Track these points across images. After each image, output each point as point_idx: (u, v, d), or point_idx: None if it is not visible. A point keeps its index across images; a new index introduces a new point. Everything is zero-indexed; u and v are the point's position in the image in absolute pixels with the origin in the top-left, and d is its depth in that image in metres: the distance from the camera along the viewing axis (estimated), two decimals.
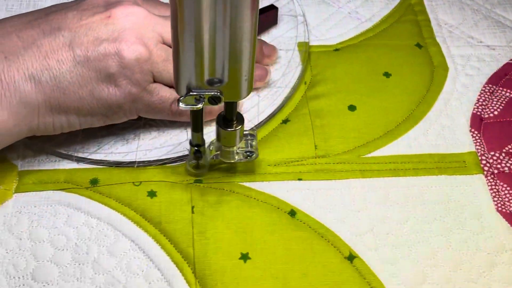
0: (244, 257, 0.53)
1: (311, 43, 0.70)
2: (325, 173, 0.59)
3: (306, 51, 0.68)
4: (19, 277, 0.51)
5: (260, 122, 0.62)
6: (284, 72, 0.67)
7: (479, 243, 0.55)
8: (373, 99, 0.65)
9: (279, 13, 0.71)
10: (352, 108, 0.64)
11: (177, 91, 0.48)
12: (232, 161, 0.57)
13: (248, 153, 0.56)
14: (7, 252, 0.53)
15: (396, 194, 0.58)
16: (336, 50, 0.70)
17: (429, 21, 0.74)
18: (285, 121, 0.63)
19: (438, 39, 0.72)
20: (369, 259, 0.54)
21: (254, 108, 0.63)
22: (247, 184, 0.58)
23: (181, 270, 0.53)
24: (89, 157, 0.59)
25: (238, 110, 0.52)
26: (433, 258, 0.54)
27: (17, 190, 0.56)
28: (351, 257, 0.54)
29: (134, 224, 0.55)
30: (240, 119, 0.53)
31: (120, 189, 0.57)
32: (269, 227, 0.55)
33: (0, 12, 0.70)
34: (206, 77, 0.47)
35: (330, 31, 0.72)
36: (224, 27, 0.43)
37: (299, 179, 0.59)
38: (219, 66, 0.46)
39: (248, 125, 0.62)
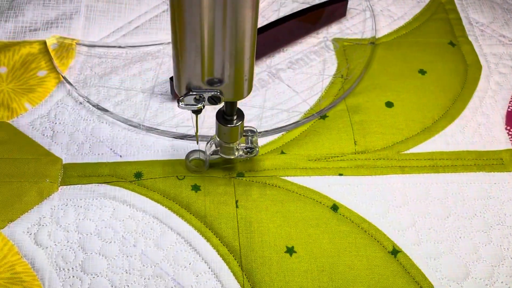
0: (290, 250, 0.54)
1: (346, 37, 0.71)
2: (365, 168, 0.60)
3: (342, 47, 0.69)
4: (68, 269, 0.52)
5: (298, 121, 0.63)
6: (321, 68, 0.67)
7: None
8: (410, 96, 0.66)
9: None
10: (389, 104, 0.65)
11: (177, 91, 0.48)
12: (232, 157, 0.57)
13: (248, 149, 0.56)
14: (55, 244, 0.53)
15: (436, 190, 0.59)
16: (371, 43, 0.70)
17: (460, 19, 0.74)
18: (324, 117, 0.63)
19: (470, 38, 0.72)
20: (412, 253, 0.54)
21: (288, 105, 0.64)
22: (288, 179, 0.59)
23: (227, 263, 0.53)
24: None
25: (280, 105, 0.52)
26: (475, 253, 0.55)
27: (62, 183, 0.57)
28: (395, 252, 0.54)
29: (180, 217, 0.55)
30: (240, 115, 0.53)
31: (164, 183, 0.58)
32: (312, 221, 0.56)
33: (38, 7, 0.70)
34: (206, 77, 0.46)
35: (364, 27, 0.73)
36: (224, 27, 0.42)
37: (340, 174, 0.59)
38: (219, 66, 0.46)
39: (285, 122, 0.62)
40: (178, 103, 0.48)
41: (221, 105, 0.51)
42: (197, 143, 0.57)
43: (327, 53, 0.69)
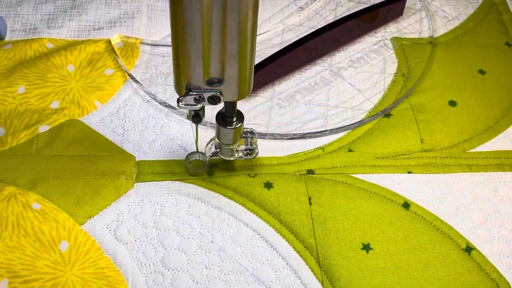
0: (366, 247, 0.55)
1: (404, 36, 0.72)
2: (433, 167, 0.60)
3: (401, 46, 0.70)
4: (149, 265, 0.52)
5: (362, 120, 0.63)
6: (381, 67, 0.68)
7: None
8: (472, 95, 0.66)
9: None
10: (452, 103, 0.65)
11: (177, 91, 0.48)
12: (232, 159, 0.57)
13: (248, 150, 0.56)
14: (135, 240, 0.54)
15: (505, 188, 0.59)
16: (430, 43, 0.71)
17: None
18: (388, 115, 0.64)
19: None
20: (485, 251, 0.55)
21: (352, 103, 0.65)
22: (358, 176, 0.59)
23: (304, 260, 0.54)
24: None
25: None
26: None
27: (137, 180, 0.57)
28: (469, 249, 0.55)
29: (254, 214, 0.56)
30: (240, 117, 0.52)
31: (236, 180, 0.58)
32: (386, 219, 0.56)
33: (100, 6, 0.71)
34: (206, 77, 0.46)
35: (420, 26, 0.73)
36: (224, 27, 0.42)
37: (409, 172, 0.60)
38: (218, 66, 0.45)
39: (351, 120, 0.63)
40: (178, 103, 0.48)
41: (221, 105, 0.50)
42: (197, 150, 0.58)
43: (387, 52, 0.70)
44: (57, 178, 0.56)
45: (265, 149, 0.61)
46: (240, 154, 0.56)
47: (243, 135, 0.56)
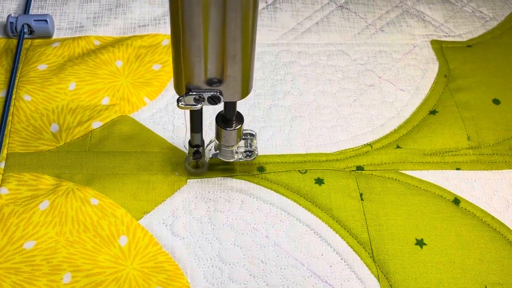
0: (420, 243, 0.55)
1: (441, 39, 0.72)
2: (481, 163, 0.61)
3: (440, 48, 0.71)
4: (207, 259, 0.53)
5: (407, 116, 0.64)
6: (423, 68, 0.69)
7: None
8: None
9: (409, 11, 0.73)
10: (496, 101, 0.66)
11: (177, 91, 0.48)
12: (232, 160, 0.57)
13: (248, 152, 0.56)
14: (191, 235, 0.54)
15: None
16: (469, 46, 0.72)
17: None
18: (433, 112, 0.65)
19: None
20: None
21: (397, 102, 0.65)
22: (407, 172, 0.60)
23: (359, 255, 0.54)
24: None
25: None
26: None
27: (189, 176, 0.58)
28: None
29: (306, 210, 0.56)
30: (240, 119, 0.52)
31: (287, 176, 0.59)
32: (437, 215, 0.57)
33: (144, 4, 0.71)
34: (206, 77, 0.46)
35: (459, 28, 0.74)
36: (224, 27, 0.42)
37: (458, 169, 0.60)
38: (218, 66, 0.45)
39: (397, 118, 0.64)
40: (178, 103, 0.47)
41: (221, 105, 0.49)
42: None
43: (427, 53, 0.70)
44: (113, 174, 0.56)
45: (313, 145, 0.61)
46: (240, 155, 0.56)
47: (243, 137, 0.55)
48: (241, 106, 0.62)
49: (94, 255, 0.51)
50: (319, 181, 0.58)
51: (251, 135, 0.56)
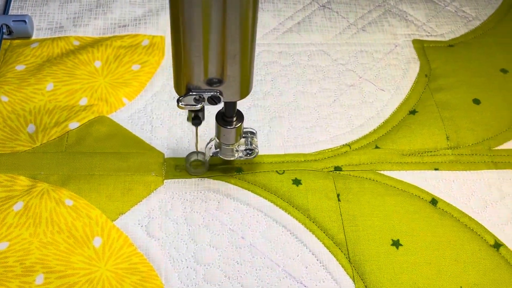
0: (396, 243, 0.55)
1: (423, 39, 0.72)
2: (460, 163, 0.61)
3: (422, 47, 0.70)
4: (182, 260, 0.53)
5: (387, 115, 0.64)
6: (404, 68, 0.69)
7: None
8: (495, 94, 0.67)
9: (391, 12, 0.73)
10: (476, 101, 0.66)
11: (177, 91, 0.48)
12: (232, 159, 0.57)
13: (248, 150, 0.56)
14: (167, 236, 0.54)
15: None
16: (451, 46, 0.72)
17: None
18: (413, 112, 0.65)
19: None
20: None
21: (377, 102, 0.65)
22: (385, 173, 0.60)
23: (335, 256, 0.54)
24: None
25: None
26: None
27: (167, 177, 0.58)
28: (497, 245, 0.55)
29: (283, 210, 0.56)
30: (240, 117, 0.52)
31: (264, 177, 0.58)
32: (414, 215, 0.57)
33: (125, 4, 0.71)
34: (206, 77, 0.46)
35: (441, 27, 0.74)
36: (224, 27, 0.42)
37: (436, 169, 0.60)
38: (218, 66, 0.45)
39: (376, 118, 0.63)
40: (178, 103, 0.47)
41: (221, 105, 0.49)
42: (197, 151, 0.58)
43: (409, 53, 0.70)
44: (89, 174, 0.56)
45: (292, 145, 0.61)
46: (240, 154, 0.56)
47: (243, 135, 0.55)
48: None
49: (68, 256, 0.51)
50: (297, 182, 0.58)
51: (252, 133, 0.56)
